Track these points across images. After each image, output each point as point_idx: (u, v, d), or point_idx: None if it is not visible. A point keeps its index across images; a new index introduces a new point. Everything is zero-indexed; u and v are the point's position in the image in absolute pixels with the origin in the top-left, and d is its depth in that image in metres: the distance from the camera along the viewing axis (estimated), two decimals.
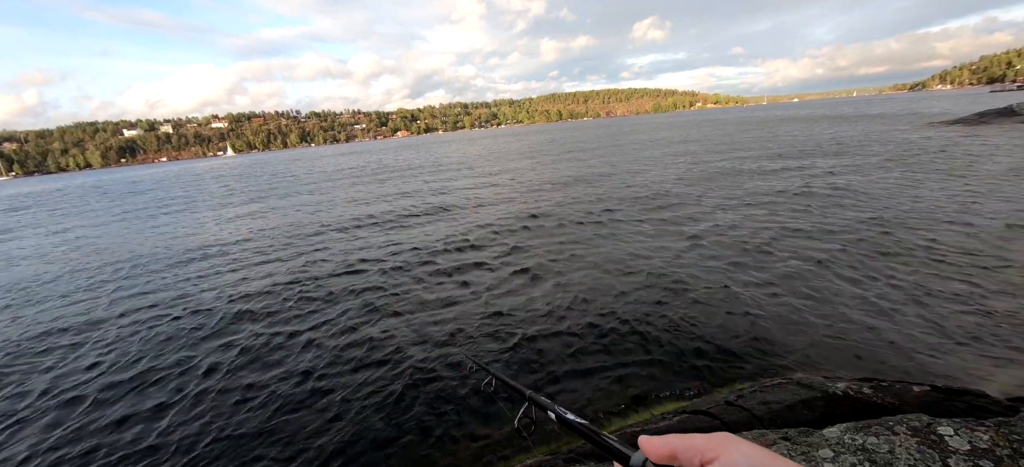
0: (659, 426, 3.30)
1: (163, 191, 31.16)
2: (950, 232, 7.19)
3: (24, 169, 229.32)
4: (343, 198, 18.37)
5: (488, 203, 14.14)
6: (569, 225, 10.14)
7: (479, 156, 37.41)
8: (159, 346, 5.58)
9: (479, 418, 3.84)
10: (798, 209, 9.66)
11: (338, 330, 5.73)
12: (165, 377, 4.85)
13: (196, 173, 56.69)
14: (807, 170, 14.68)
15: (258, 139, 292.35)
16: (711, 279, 6.24)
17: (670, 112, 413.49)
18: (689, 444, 0.44)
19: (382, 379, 4.53)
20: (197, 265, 9.34)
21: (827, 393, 3.28)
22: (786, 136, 29.30)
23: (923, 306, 4.98)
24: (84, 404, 4.45)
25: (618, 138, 46.74)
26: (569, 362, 4.55)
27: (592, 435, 0.57)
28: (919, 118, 33.56)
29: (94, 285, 8.53)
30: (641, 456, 0.47)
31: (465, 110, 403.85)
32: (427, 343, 5.17)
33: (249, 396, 4.41)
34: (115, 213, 20.37)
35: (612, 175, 17.97)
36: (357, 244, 10.04)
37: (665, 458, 0.45)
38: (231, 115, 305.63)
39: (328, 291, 7.04)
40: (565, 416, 0.66)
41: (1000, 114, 24.99)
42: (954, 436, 1.71)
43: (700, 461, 0.42)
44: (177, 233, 13.58)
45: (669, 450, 0.45)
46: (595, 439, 0.56)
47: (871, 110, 59.30)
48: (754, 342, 4.58)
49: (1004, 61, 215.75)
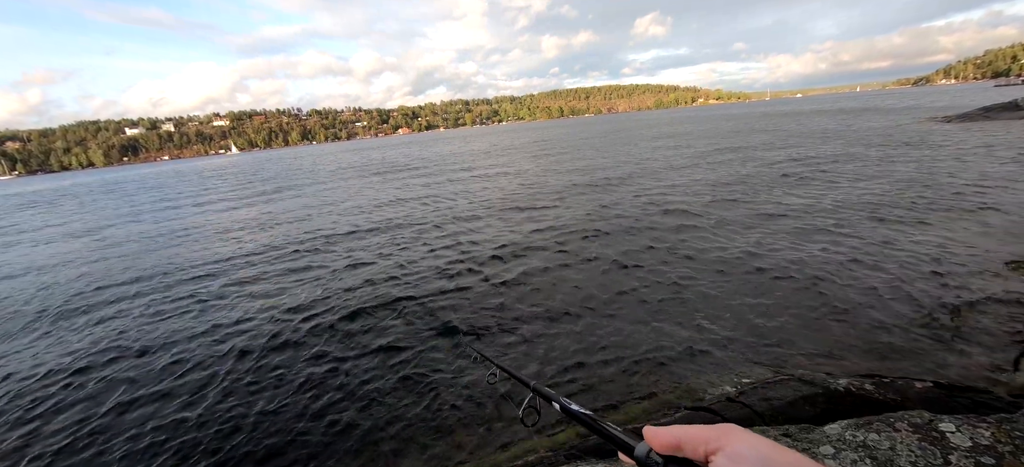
0: (661, 422, 3.30)
1: (180, 186, 31.28)
2: (960, 227, 7.15)
3: (27, 168, 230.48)
4: (350, 195, 18.40)
5: (493, 199, 14.14)
6: (576, 221, 10.14)
7: (482, 152, 37.40)
8: (171, 331, 5.62)
9: (483, 409, 3.85)
10: (801, 203, 9.62)
11: (341, 317, 5.79)
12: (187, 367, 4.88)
13: (214, 167, 56.79)
14: (807, 160, 14.62)
15: (259, 137, 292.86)
16: (716, 276, 6.24)
17: (672, 108, 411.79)
18: (694, 434, 0.44)
19: (386, 369, 4.57)
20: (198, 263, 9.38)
21: (829, 389, 3.28)
22: (801, 129, 29.16)
23: (925, 302, 4.96)
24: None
25: (628, 134, 46.54)
26: (573, 355, 4.57)
27: (597, 425, 0.57)
28: (922, 113, 33.35)
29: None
30: (646, 446, 0.47)
31: (466, 107, 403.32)
32: (432, 334, 5.21)
33: (249, 383, 4.46)
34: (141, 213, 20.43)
35: (631, 177, 17.91)
36: (365, 239, 10.07)
37: (670, 448, 0.45)
38: (232, 113, 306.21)
39: (333, 281, 7.08)
40: (569, 407, 0.66)
41: (1005, 109, 24.81)
42: (956, 433, 1.71)
43: (705, 451, 0.42)
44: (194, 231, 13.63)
45: (674, 440, 0.45)
46: (600, 429, 0.56)
47: (878, 104, 59.00)
48: (758, 338, 4.58)
49: (1009, 55, 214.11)
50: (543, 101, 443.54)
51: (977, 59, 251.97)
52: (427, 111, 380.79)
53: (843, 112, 45.73)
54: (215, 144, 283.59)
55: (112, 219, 18.24)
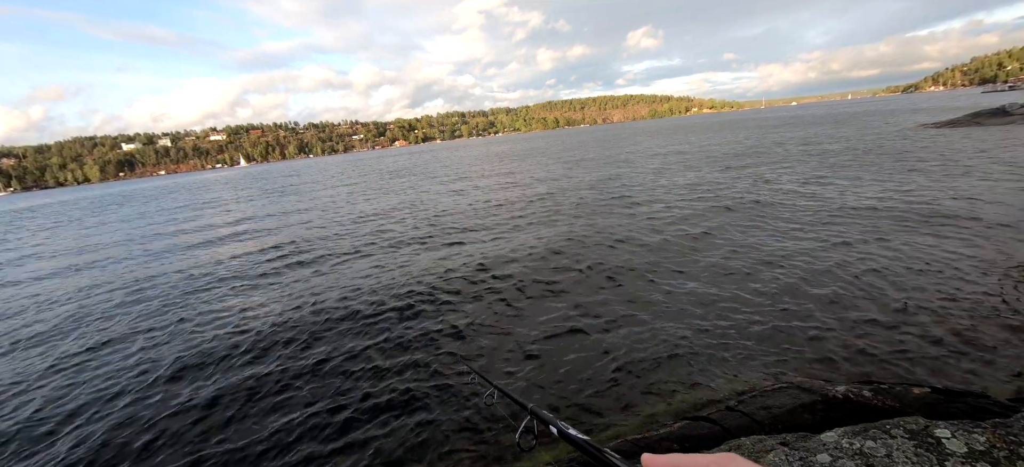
0: (660, 434, 3.28)
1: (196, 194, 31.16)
2: (956, 233, 7.21)
3: (22, 184, 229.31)
4: (349, 208, 18.39)
5: (491, 216, 14.16)
6: (572, 236, 10.16)
7: (478, 159, 37.55)
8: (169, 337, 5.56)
9: (480, 431, 3.80)
10: (803, 212, 9.69)
11: (338, 334, 5.75)
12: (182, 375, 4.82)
13: (205, 181, 56.57)
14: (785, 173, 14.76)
15: (256, 151, 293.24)
16: (714, 287, 6.25)
17: (667, 117, 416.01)
18: (692, 464, 0.43)
19: (382, 389, 4.51)
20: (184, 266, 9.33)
21: (827, 397, 3.28)
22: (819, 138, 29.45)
23: (922, 308, 4.99)
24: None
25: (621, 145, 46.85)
26: (572, 365, 4.54)
27: (594, 452, 0.57)
28: (912, 119, 33.82)
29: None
30: None
31: (462, 119, 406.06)
32: (429, 353, 5.16)
33: (240, 400, 4.41)
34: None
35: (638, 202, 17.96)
36: (363, 254, 10.04)
37: None
38: (229, 127, 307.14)
39: (329, 298, 7.03)
40: (567, 431, 0.66)
41: (993, 114, 25.23)
42: (951, 439, 1.71)
43: None
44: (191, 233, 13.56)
45: None
46: (597, 456, 0.56)
47: (868, 109, 59.81)
48: (757, 347, 4.58)
49: (995, 62, 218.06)
50: (538, 112, 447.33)
51: (964, 66, 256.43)
52: (424, 123, 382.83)
53: (835, 119, 46.30)
54: (212, 158, 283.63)
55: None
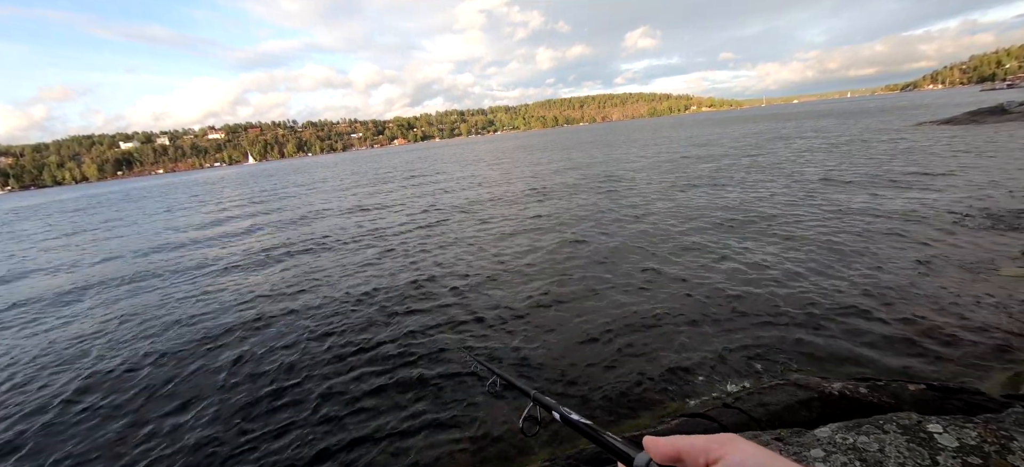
0: (658, 429, 3.31)
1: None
2: (952, 231, 7.25)
3: (20, 183, 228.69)
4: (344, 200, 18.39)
5: (491, 209, 14.18)
6: (577, 232, 10.18)
7: (478, 158, 37.55)
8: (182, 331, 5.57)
9: (483, 418, 3.85)
10: (798, 210, 9.73)
11: (343, 327, 5.81)
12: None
13: (206, 179, 56.34)
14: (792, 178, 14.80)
15: (254, 150, 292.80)
16: (713, 285, 6.28)
17: (666, 116, 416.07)
18: (694, 445, 0.44)
19: (386, 377, 4.57)
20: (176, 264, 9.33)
21: (823, 393, 3.30)
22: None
23: (924, 303, 5.02)
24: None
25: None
26: (572, 365, 4.58)
27: (596, 435, 0.57)
28: (910, 118, 33.89)
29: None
30: (645, 456, 0.47)
31: (461, 118, 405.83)
32: (433, 342, 5.22)
33: (245, 389, 4.44)
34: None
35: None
36: (368, 247, 10.05)
37: (669, 458, 0.46)
38: (228, 126, 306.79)
39: (334, 289, 7.06)
40: (569, 416, 0.67)
41: (992, 112, 25.28)
42: (943, 433, 1.74)
43: (704, 461, 0.43)
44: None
45: (673, 450, 0.45)
46: (599, 439, 0.55)
47: (868, 108, 59.85)
48: (755, 344, 4.61)
49: (994, 60, 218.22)
50: (537, 111, 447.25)
51: (962, 64, 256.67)
52: (423, 122, 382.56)
53: (834, 115, 46.35)
54: (210, 157, 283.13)
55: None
